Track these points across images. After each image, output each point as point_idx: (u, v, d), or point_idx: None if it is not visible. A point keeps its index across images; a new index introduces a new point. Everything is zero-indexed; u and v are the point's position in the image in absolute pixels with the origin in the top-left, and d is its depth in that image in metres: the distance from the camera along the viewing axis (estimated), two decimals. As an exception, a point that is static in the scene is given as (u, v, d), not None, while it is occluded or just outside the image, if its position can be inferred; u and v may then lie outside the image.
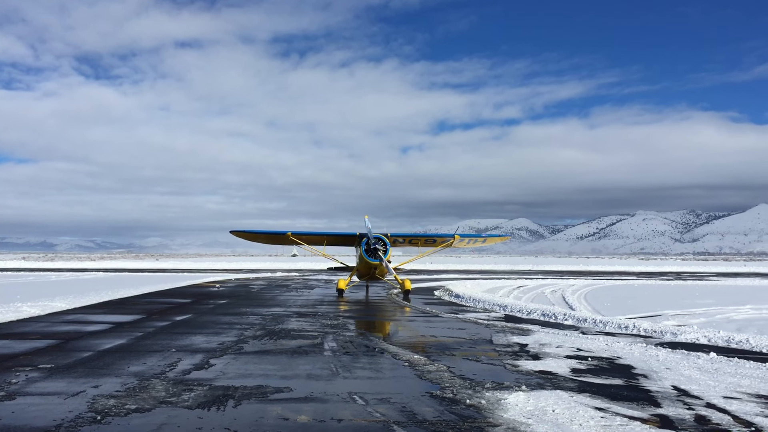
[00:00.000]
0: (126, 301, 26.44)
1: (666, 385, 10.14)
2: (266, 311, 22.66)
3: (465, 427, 7.71)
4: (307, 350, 13.72)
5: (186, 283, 41.52)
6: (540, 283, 41.02)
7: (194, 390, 9.62)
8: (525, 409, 8.49)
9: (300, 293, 33.10)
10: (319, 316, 20.95)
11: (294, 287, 38.61)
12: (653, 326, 17.25)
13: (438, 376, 10.82)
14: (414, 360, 12.54)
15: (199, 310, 22.86)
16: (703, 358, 12.57)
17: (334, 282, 44.60)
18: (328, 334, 16.36)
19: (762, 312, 20.92)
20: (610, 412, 8.33)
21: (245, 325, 18.40)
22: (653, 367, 11.65)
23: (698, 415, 8.21)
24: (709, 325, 17.61)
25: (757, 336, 15.08)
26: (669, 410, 8.48)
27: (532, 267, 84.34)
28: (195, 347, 13.99)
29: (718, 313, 20.55)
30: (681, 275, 59.47)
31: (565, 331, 17.23)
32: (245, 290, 35.55)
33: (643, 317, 19.75)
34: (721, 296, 28.44)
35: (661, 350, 13.69)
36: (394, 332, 18.05)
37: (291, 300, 28.21)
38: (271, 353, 13.29)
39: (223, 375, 10.86)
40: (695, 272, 68.41)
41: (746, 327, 17.03)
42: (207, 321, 19.44)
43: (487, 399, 9.06)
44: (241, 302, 26.86)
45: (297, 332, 16.78)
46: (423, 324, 20.19)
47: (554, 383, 10.24)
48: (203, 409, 8.50)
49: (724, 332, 15.77)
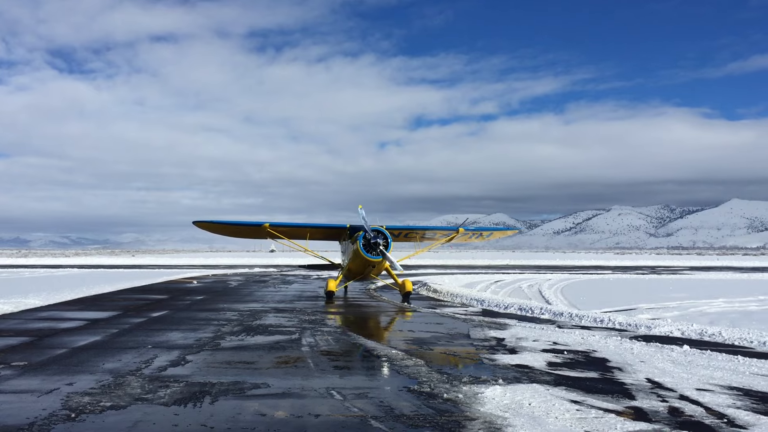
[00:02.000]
0: (101, 298, 26.17)
1: (640, 377, 10.26)
2: (243, 307, 22.56)
3: (442, 421, 7.75)
4: (285, 346, 13.68)
5: (162, 279, 41.22)
6: (517, 278, 41.29)
7: (170, 387, 9.55)
8: (502, 402, 8.55)
9: (278, 289, 33.01)
10: (297, 312, 20.90)
11: (272, 283, 38.50)
12: (628, 320, 17.45)
13: (415, 371, 10.85)
14: (391, 355, 12.56)
15: (175, 307, 22.69)
16: (676, 351, 12.74)
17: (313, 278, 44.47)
18: (306, 330, 16.33)
19: (734, 305, 21.26)
20: (585, 405, 8.41)
21: (222, 321, 18.31)
22: (628, 360, 11.79)
23: (672, 407, 8.33)
24: (683, 318, 17.86)
25: (730, 329, 15.32)
26: (643, 402, 8.59)
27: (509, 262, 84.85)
28: (171, 343, 13.89)
29: (691, 307, 20.84)
30: (655, 269, 60.19)
31: (541, 325, 17.36)
32: (222, 286, 35.36)
33: (618, 311, 19.97)
34: (694, 290, 28.84)
35: (636, 343, 13.86)
36: (371, 328, 18.07)
37: (269, 296, 28.12)
38: (248, 349, 13.23)
39: (199, 371, 10.79)
40: (669, 266, 69.28)
41: (719, 320, 17.29)
42: (184, 317, 19.30)
43: (465, 393, 9.11)
44: (218, 298, 26.72)
45: (275, 328, 16.73)
46: (400, 319, 20.25)
47: (531, 377, 10.32)
48: (179, 406, 8.45)
49: (697, 325, 16.00)
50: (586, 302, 23.08)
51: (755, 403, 8.51)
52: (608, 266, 69.42)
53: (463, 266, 68.29)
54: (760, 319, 17.16)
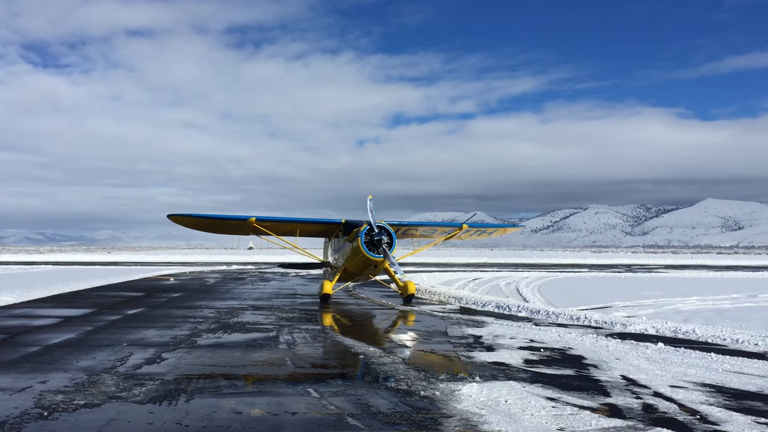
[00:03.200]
0: (76, 295, 25.87)
1: (615, 374, 10.36)
2: (221, 304, 22.43)
3: (419, 418, 7.76)
4: (262, 344, 13.62)
5: (138, 276, 40.84)
6: (495, 276, 41.51)
7: (145, 384, 9.47)
8: (478, 400, 8.58)
9: (256, 286, 32.87)
10: (274, 310, 20.82)
11: (250, 280, 38.32)
12: (604, 317, 17.62)
13: (393, 369, 10.85)
14: (369, 352, 12.56)
15: (151, 304, 22.50)
16: (651, 348, 12.89)
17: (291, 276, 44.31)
18: (283, 328, 16.27)
19: (708, 303, 21.55)
20: (561, 402, 8.48)
21: (199, 318, 18.18)
22: (603, 358, 11.90)
23: (646, 404, 8.42)
24: (658, 316, 18.06)
25: (703, 326, 15.53)
26: (618, 399, 8.68)
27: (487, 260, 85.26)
28: (147, 341, 13.77)
29: (666, 305, 21.09)
30: (631, 267, 60.84)
31: (518, 323, 17.46)
32: (200, 283, 35.13)
33: (594, 309, 20.15)
34: (669, 288, 29.19)
35: (611, 341, 13.99)
36: (349, 325, 18.05)
37: (246, 293, 27.98)
38: (225, 347, 13.16)
39: (175, 369, 10.71)
40: (645, 265, 70.06)
41: (693, 318, 17.51)
42: (160, 314, 19.14)
43: (441, 390, 9.13)
44: (195, 295, 26.54)
45: (252, 325, 16.65)
46: (379, 316, 20.25)
47: (507, 374, 10.37)
48: (154, 404, 8.37)
49: (671, 323, 16.20)
50: (562, 300, 23.26)
51: (728, 400, 8.63)
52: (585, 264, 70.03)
53: (441, 264, 68.49)
54: (733, 317, 17.41)
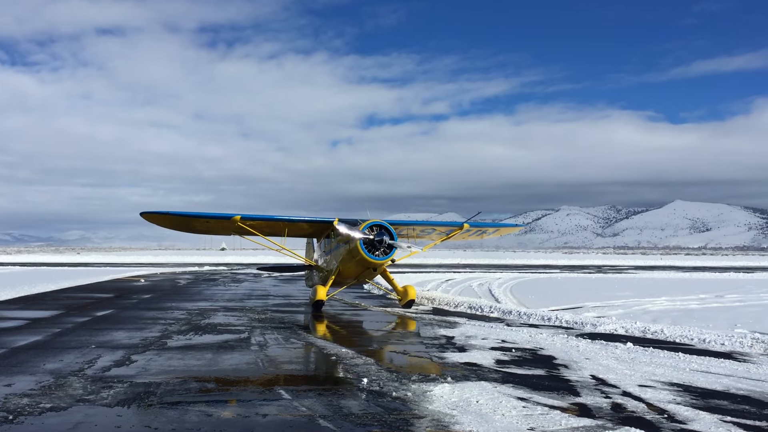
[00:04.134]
0: (44, 297, 25.46)
1: (585, 374, 10.47)
2: (192, 306, 22.24)
3: (391, 419, 7.76)
4: (234, 345, 13.53)
5: (108, 277, 40.34)
6: (468, 277, 41.69)
7: (114, 387, 9.34)
8: (450, 400, 8.61)
9: (228, 287, 32.65)
10: (246, 311, 20.70)
11: (222, 281, 38.05)
12: (575, 318, 17.79)
13: (365, 370, 10.84)
14: (341, 353, 12.54)
15: (121, 305, 22.23)
16: (620, 348, 13.04)
17: (264, 277, 44.05)
18: (255, 329, 16.17)
19: (676, 303, 21.87)
20: (531, 402, 8.54)
21: (170, 320, 18.00)
22: (574, 358, 12.02)
23: (615, 403, 8.52)
24: (627, 316, 18.28)
25: (671, 326, 15.76)
26: (587, 399, 8.77)
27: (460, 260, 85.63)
28: (116, 343, 13.59)
29: (635, 305, 21.34)
30: (602, 268, 61.56)
31: (490, 324, 17.55)
32: (171, 284, 34.80)
33: (565, 309, 20.33)
34: (638, 289, 29.56)
35: (582, 341, 14.14)
36: (322, 327, 17.99)
37: (218, 294, 27.78)
38: (195, 348, 13.04)
39: (144, 371, 10.58)
40: (615, 265, 70.92)
41: (661, 318, 17.76)
42: (129, 316, 18.92)
43: (413, 391, 9.15)
44: (166, 297, 26.28)
45: (223, 327, 16.52)
46: (352, 317, 20.23)
47: (479, 374, 10.43)
48: (123, 407, 8.26)
49: (640, 323, 16.41)
50: (534, 301, 23.44)
51: (694, 399, 8.77)
52: (556, 265, 70.68)
53: (413, 265, 68.61)
54: (700, 317, 17.68)
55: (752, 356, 12.32)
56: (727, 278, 41.23)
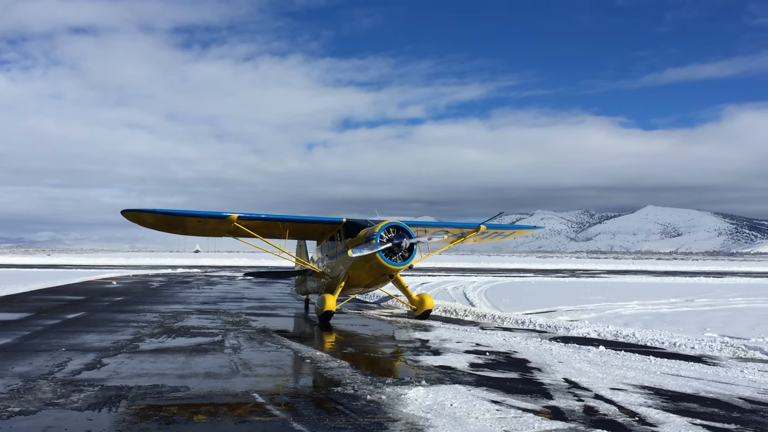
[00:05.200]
0: (13, 299, 25.04)
1: (558, 377, 10.55)
2: (165, 308, 22.02)
3: (365, 422, 7.75)
4: (207, 348, 13.42)
5: (80, 279, 39.80)
6: (442, 280, 41.80)
7: (84, 391, 9.21)
8: (424, 403, 8.63)
9: (201, 290, 32.39)
10: (220, 313, 20.54)
11: (195, 284, 37.75)
12: (548, 321, 17.92)
13: (339, 373, 10.82)
14: (316, 356, 12.50)
15: (92, 308, 21.94)
16: (593, 352, 13.17)
17: (238, 280, 43.70)
18: (229, 332, 16.06)
19: (647, 307, 22.12)
20: (505, 405, 8.59)
21: (142, 322, 17.81)
22: (547, 361, 12.11)
23: (587, 406, 8.60)
24: (600, 320, 18.45)
25: (643, 330, 15.95)
26: (560, 402, 8.84)
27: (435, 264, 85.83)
28: (87, 346, 13.41)
29: (607, 309, 21.55)
30: (575, 272, 62.09)
31: (465, 327, 17.62)
32: (143, 287, 34.43)
33: (539, 313, 20.47)
34: (610, 293, 29.86)
35: (555, 344, 14.25)
36: (296, 330, 17.92)
37: (192, 297, 27.55)
38: (168, 351, 12.91)
39: (116, 375, 10.45)
40: (588, 270, 71.60)
41: (633, 322, 17.96)
42: (101, 319, 18.68)
43: (388, 394, 9.14)
44: (138, 299, 25.99)
45: (197, 330, 16.38)
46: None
47: (453, 378, 10.46)
48: (93, 411, 8.15)
49: (612, 327, 16.60)
50: (508, 304, 23.56)
51: (665, 402, 8.88)
52: (530, 269, 71.15)
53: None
54: (671, 321, 17.91)
55: (721, 360, 12.51)
56: (697, 283, 41.81)
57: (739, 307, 22.44)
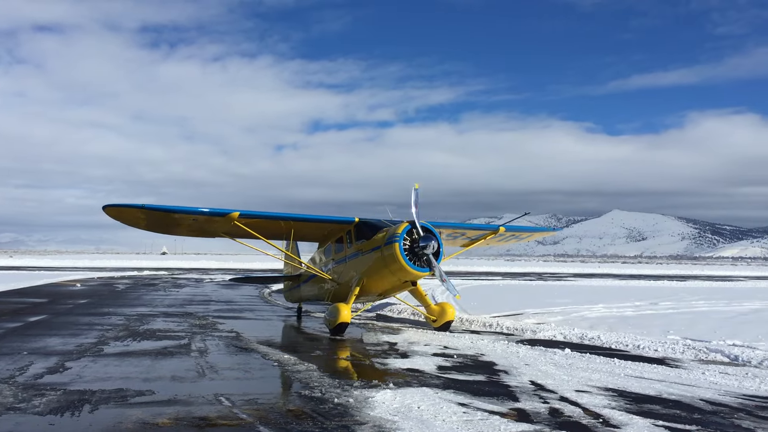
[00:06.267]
0: (-28, 301, 24.47)
1: (524, 380, 10.65)
2: (131, 311, 21.73)
3: (332, 426, 7.74)
4: (173, 351, 13.28)
5: (43, 281, 39.07)
6: (411, 283, 41.84)
7: (46, 395, 9.05)
8: (392, 406, 8.64)
9: (168, 292, 32.02)
10: (187, 316, 20.34)
11: (162, 286, 37.32)
12: (515, 324, 18.08)
13: (307, 376, 10.79)
14: (284, 360, 12.45)
15: (56, 311, 21.56)
16: (559, 354, 13.32)
17: (205, 282, 43.31)
18: (196, 335, 15.91)
19: (612, 310, 22.43)
20: (472, 408, 8.64)
21: (107, 325, 17.55)
22: (514, 363, 12.22)
23: (552, 408, 8.69)
24: (566, 323, 18.67)
25: (608, 333, 16.18)
26: (526, 404, 8.92)
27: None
28: (50, 349, 13.17)
29: (573, 312, 21.79)
30: (542, 276, 62.70)
31: (433, 330, 17.68)
32: (108, 289, 33.94)
33: (506, 316, 20.63)
34: (577, 296, 30.21)
35: (522, 347, 14.39)
36: (264, 332, 17.82)
37: (158, 299, 27.22)
38: (133, 355, 12.75)
39: (79, 378, 10.29)
40: (555, 273, 72.35)
41: (598, 324, 18.19)
42: (64, 322, 18.36)
43: (355, 397, 9.14)
44: (103, 302, 25.61)
45: (163, 333, 16.20)
46: (294, 324, 20.08)
47: (421, 380, 10.50)
48: (56, 415, 8.01)
49: (578, 329, 16.81)
50: (476, 307, 23.69)
51: (629, 404, 9.02)
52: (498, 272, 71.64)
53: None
54: (635, 324, 18.17)
55: (684, 362, 12.74)
56: (661, 286, 42.52)
57: (701, 310, 22.87)
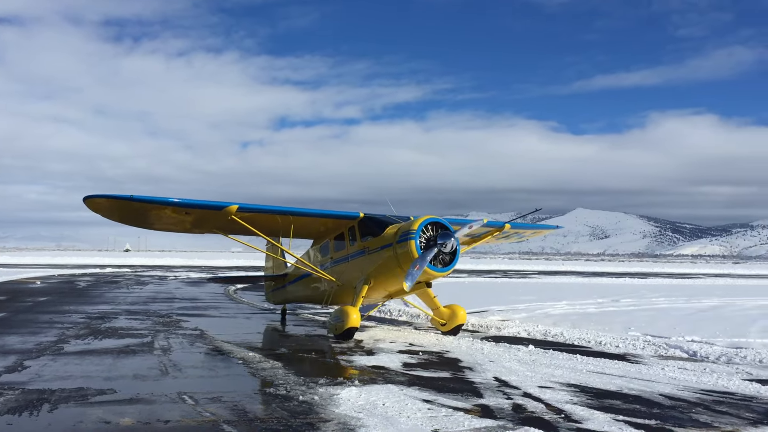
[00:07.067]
0: (-73, 299, 23.85)
1: (489, 376, 10.75)
2: (92, 309, 21.38)
3: (296, 423, 7.72)
4: (136, 350, 13.10)
5: (1, 279, 38.21)
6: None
7: (4, 394, 8.86)
8: (357, 403, 8.65)
9: (131, 290, 31.59)
10: (150, 314, 20.08)
11: (125, 284, 36.80)
12: (480, 321, 18.23)
13: (272, 374, 10.75)
14: (248, 357, 12.37)
15: (14, 308, 21.11)
16: (522, 351, 13.47)
17: (170, 279, 42.82)
18: (159, 333, 15.72)
19: (575, 307, 22.74)
20: (436, 404, 8.70)
21: (68, 323, 17.24)
22: (478, 360, 12.32)
23: (515, 404, 8.79)
24: (530, 319, 18.87)
25: (571, 329, 16.41)
26: (490, 400, 9.01)
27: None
28: (8, 348, 12.89)
29: (537, 309, 22.03)
30: (507, 273, 63.27)
31: (399, 327, 17.76)
32: (69, 287, 33.35)
33: (471, 313, 20.71)
34: (541, 293, 30.55)
35: (486, 344, 14.52)
36: (229, 330, 17.67)
37: (120, 297, 26.83)
38: (94, 353, 12.55)
39: (38, 377, 10.09)
40: (520, 270, 73.08)
41: (561, 321, 18.43)
42: (23, 320, 17.99)
43: (320, 395, 9.13)
44: (64, 299, 25.15)
45: (125, 331, 15.97)
46: (259, 321, 19.95)
47: (386, 378, 10.53)
48: (13, 415, 7.85)
49: (542, 326, 17.02)
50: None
51: (590, 399, 9.16)
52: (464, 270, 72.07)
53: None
54: (597, 321, 18.45)
55: (644, 358, 12.99)
56: (623, 283, 43.23)
57: (661, 307, 23.32)
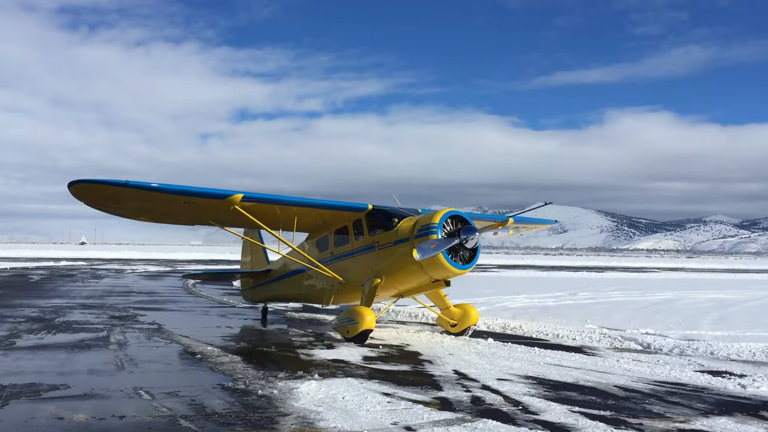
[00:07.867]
0: None
1: (448, 369, 10.83)
2: (46, 303, 20.90)
3: (255, 417, 7.66)
4: (91, 344, 12.85)
5: (-50, 272, 37.17)
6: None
7: (-48, 391, 8.61)
8: (316, 397, 8.63)
9: (87, 284, 30.99)
10: (106, 308, 19.73)
11: (80, 277, 36.09)
12: (440, 315, 18.29)
13: (231, 368, 10.65)
14: (207, 352, 12.24)
15: (-36, 302, 20.52)
16: (482, 344, 13.60)
17: (127, 273, 42.14)
18: (115, 327, 15.45)
19: (534, 301, 23.05)
20: (396, 397, 8.72)
21: (20, 318, 16.83)
22: (438, 353, 12.40)
23: (474, 397, 8.87)
24: (489, 313, 19.03)
25: (529, 323, 16.61)
26: (449, 393, 9.07)
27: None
28: (-44, 343, 12.54)
29: (497, 302, 22.26)
30: (468, 267, 63.76)
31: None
32: (22, 280, 32.58)
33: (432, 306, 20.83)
34: (500, 286, 30.93)
35: (446, 337, 14.62)
36: (187, 324, 17.44)
37: (75, 291, 26.30)
38: (48, 348, 12.27)
39: (-12, 373, 9.84)
40: (480, 264, 73.76)
41: (520, 314, 18.65)
42: (-27, 314, 17.50)
43: (280, 389, 9.08)
44: (16, 293, 24.54)
45: (80, 325, 15.66)
46: (219, 315, 19.76)
47: (346, 371, 10.52)
48: (-38, 412, 7.63)
49: (501, 319, 17.19)
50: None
51: (547, 391, 9.29)
52: (425, 264, 72.48)
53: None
54: (555, 314, 18.73)
55: (600, 350, 13.22)
56: (580, 277, 43.98)
57: (617, 300, 23.79)
